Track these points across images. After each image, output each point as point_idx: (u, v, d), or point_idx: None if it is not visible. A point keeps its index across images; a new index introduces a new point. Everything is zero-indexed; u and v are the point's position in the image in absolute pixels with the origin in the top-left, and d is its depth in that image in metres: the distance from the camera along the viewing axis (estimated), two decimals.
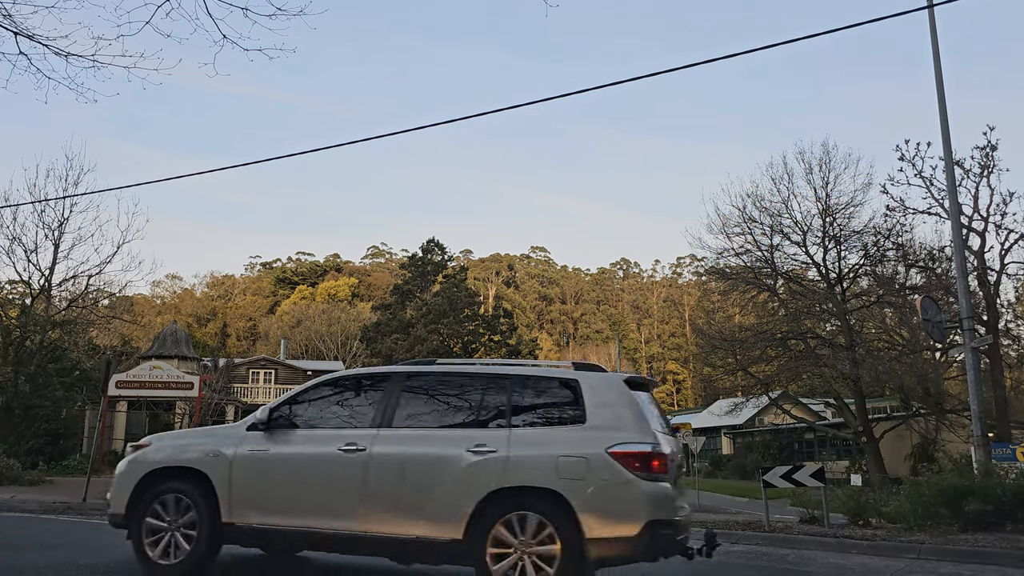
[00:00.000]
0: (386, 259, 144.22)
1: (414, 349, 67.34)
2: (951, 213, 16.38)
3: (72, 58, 9.53)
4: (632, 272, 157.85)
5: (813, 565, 10.00)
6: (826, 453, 41.58)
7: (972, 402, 14.98)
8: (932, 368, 30.17)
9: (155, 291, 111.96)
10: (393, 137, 40.73)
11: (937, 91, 15.84)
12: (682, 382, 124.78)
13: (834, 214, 29.50)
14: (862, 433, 30.03)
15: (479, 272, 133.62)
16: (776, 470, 14.38)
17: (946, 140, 15.94)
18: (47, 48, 9.45)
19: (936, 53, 15.84)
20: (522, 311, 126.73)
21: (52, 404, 29.13)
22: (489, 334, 76.65)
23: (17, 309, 31.33)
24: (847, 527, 14.01)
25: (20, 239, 29.29)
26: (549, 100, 11.01)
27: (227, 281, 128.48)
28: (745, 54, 10.03)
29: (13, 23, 9.26)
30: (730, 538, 12.98)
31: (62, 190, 29.71)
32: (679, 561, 7.05)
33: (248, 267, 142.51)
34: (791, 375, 31.60)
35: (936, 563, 10.33)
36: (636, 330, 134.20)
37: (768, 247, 30.46)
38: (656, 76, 13.13)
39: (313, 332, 79.15)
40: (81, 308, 31.67)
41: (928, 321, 16.35)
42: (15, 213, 29.47)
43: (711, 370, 41.26)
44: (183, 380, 31.85)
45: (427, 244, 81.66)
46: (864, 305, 29.64)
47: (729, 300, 34.60)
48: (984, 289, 25.85)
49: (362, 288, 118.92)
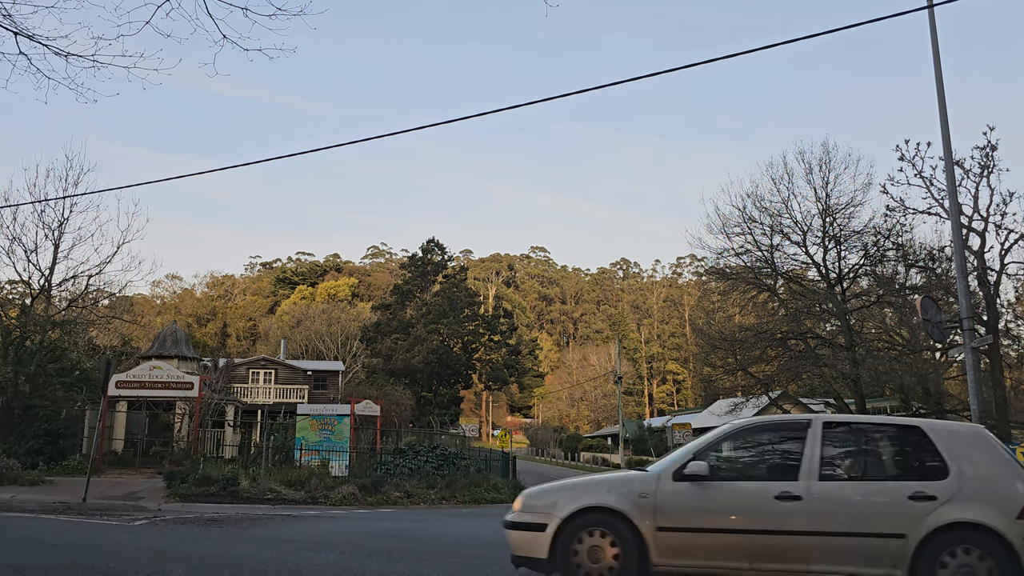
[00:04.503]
0: (386, 259, 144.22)
1: (414, 349, 67.37)
2: (951, 213, 16.37)
3: (72, 58, 9.51)
4: (632, 272, 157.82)
5: None
6: None
7: (972, 402, 14.96)
8: (932, 368, 30.16)
9: (155, 291, 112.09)
10: (393, 137, 40.70)
11: (937, 91, 15.83)
12: (682, 382, 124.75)
13: (834, 214, 29.51)
14: None
15: (479, 272, 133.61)
16: None
17: (946, 140, 15.94)
18: (47, 48, 9.43)
19: (936, 53, 15.83)
20: (522, 311, 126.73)
21: (52, 404, 29.10)
22: (489, 334, 76.69)
23: (17, 309, 31.30)
24: None
25: (20, 239, 29.24)
26: (549, 100, 11.02)
27: (227, 281, 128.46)
28: (745, 54, 10.02)
29: (13, 23, 9.25)
30: None
31: (62, 190, 29.68)
32: None
33: (248, 267, 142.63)
34: (791, 375, 31.60)
35: None
36: (636, 330, 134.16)
37: (768, 247, 30.48)
38: (656, 76, 13.13)
39: (313, 332, 79.13)
40: (81, 308, 31.64)
41: (928, 321, 16.33)
42: (15, 213, 29.41)
43: (711, 370, 41.24)
44: (183, 380, 31.83)
45: (427, 244, 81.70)
46: (864, 305, 29.64)
47: (729, 300, 34.61)
48: (984, 289, 25.86)
49: (362, 288, 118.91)
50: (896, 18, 9.37)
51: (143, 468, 28.52)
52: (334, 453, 26.77)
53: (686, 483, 7.10)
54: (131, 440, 33.16)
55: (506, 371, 78.08)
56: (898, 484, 6.80)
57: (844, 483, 6.95)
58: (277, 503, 20.35)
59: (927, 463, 6.88)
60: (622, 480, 7.55)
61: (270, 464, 24.17)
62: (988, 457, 6.85)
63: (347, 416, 29.11)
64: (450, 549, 10.34)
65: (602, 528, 6.97)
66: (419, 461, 27.05)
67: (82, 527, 12.11)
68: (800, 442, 7.08)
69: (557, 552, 6.97)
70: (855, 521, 6.61)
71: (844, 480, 6.99)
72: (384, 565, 8.58)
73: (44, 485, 21.19)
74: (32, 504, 15.92)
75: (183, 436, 31.10)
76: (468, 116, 12.22)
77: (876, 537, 6.52)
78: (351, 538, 11.45)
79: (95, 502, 16.82)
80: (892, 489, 6.77)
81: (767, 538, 6.72)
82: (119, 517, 14.12)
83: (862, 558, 6.51)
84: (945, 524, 6.41)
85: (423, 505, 22.91)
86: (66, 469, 25.63)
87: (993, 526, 6.36)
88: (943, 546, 6.39)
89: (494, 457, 34.86)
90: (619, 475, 8.00)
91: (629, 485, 7.28)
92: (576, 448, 75.51)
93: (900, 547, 6.41)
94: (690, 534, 6.92)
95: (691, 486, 7.07)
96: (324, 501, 21.30)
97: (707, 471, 7.08)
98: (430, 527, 14.53)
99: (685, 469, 7.17)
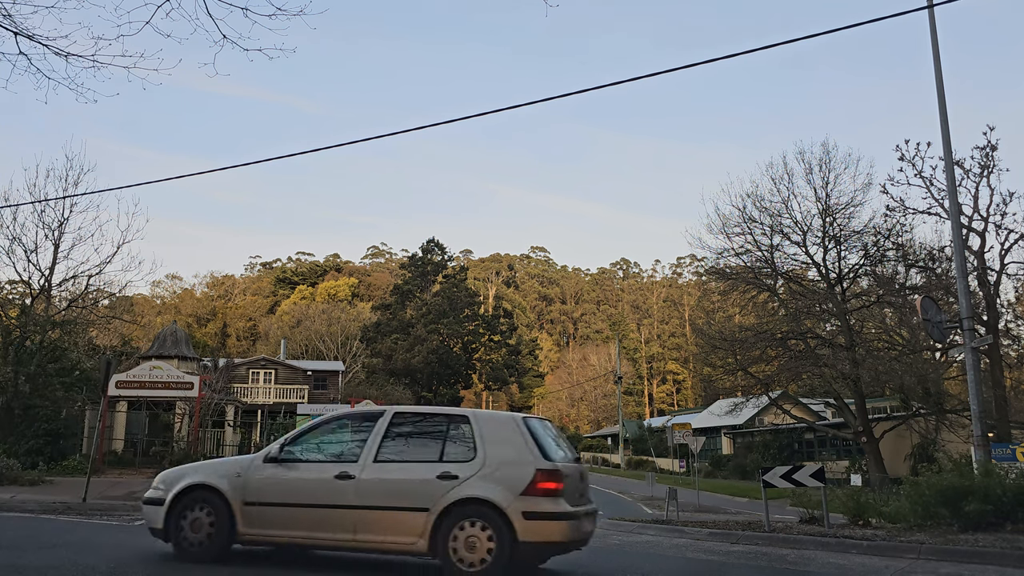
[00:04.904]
0: (386, 259, 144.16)
1: (414, 349, 67.31)
2: (951, 213, 16.37)
3: (72, 58, 9.52)
4: (632, 272, 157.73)
5: (813, 565, 10.01)
6: (826, 453, 41.56)
7: (972, 402, 14.97)
8: (932, 368, 30.14)
9: (155, 291, 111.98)
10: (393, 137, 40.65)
11: (937, 91, 15.84)
12: (682, 382, 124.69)
13: (834, 214, 29.50)
14: (862, 433, 30.02)
15: (479, 272, 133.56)
16: (776, 470, 14.36)
17: (946, 140, 15.95)
18: (47, 48, 9.44)
19: (936, 53, 15.83)
20: (522, 311, 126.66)
21: (52, 404, 29.09)
22: (489, 334, 76.62)
23: (17, 309, 31.27)
24: (847, 527, 14.01)
25: (20, 239, 29.22)
26: (549, 100, 11.02)
27: (227, 281, 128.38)
28: (745, 54, 10.03)
29: (13, 23, 9.26)
30: (730, 538, 12.98)
31: (62, 190, 29.66)
32: (682, 559, 7.07)
33: (248, 267, 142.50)
34: (791, 375, 31.58)
35: (936, 563, 10.33)
36: (636, 330, 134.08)
37: (768, 247, 30.46)
38: (656, 76, 13.13)
39: (313, 332, 79.11)
40: (81, 308, 31.63)
41: (928, 321, 16.34)
42: (15, 213, 29.40)
43: (711, 370, 41.23)
44: (183, 380, 31.82)
45: (427, 244, 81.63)
46: (864, 305, 29.63)
47: (729, 300, 34.59)
48: (984, 289, 25.85)
49: (362, 288, 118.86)
50: (896, 18, 9.38)
51: (143, 468, 28.51)
52: None
53: (272, 465, 8.23)
54: (131, 440, 33.15)
55: (506, 371, 78.02)
56: (433, 465, 7.78)
57: (392, 464, 7.92)
58: None
59: (463, 447, 7.87)
60: (229, 462, 8.66)
61: None
62: (513, 443, 7.79)
63: None
64: None
65: (202, 503, 8.17)
66: None
67: (82, 527, 12.11)
68: (370, 431, 8.21)
69: (171, 523, 8.18)
70: (393, 497, 7.66)
71: (394, 462, 7.95)
72: (384, 563, 8.61)
73: (44, 485, 21.18)
74: (32, 504, 15.92)
75: (183, 436, 31.10)
76: (468, 116, 12.23)
77: (407, 511, 7.56)
78: None
79: (95, 502, 16.81)
80: (426, 469, 7.75)
81: (324, 511, 7.82)
82: (119, 517, 14.12)
83: (395, 528, 7.57)
84: (459, 500, 7.42)
85: None
86: (66, 469, 25.62)
87: (496, 502, 7.35)
88: (457, 519, 7.41)
89: None
90: (231, 458, 9.22)
91: (231, 466, 8.43)
92: (576, 448, 75.54)
93: (424, 519, 7.45)
94: (267, 508, 8.03)
95: (275, 467, 8.21)
96: None
97: (288, 454, 8.26)
98: None
99: (271, 453, 8.34)
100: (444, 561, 7.33)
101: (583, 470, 8.56)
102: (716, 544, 12.47)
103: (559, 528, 7.42)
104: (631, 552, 10.98)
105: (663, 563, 9.84)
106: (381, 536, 7.60)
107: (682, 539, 13.34)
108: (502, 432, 7.90)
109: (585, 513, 8.05)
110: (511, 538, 7.23)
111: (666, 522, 15.79)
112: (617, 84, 10.59)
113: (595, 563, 9.41)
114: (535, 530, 7.30)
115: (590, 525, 8.29)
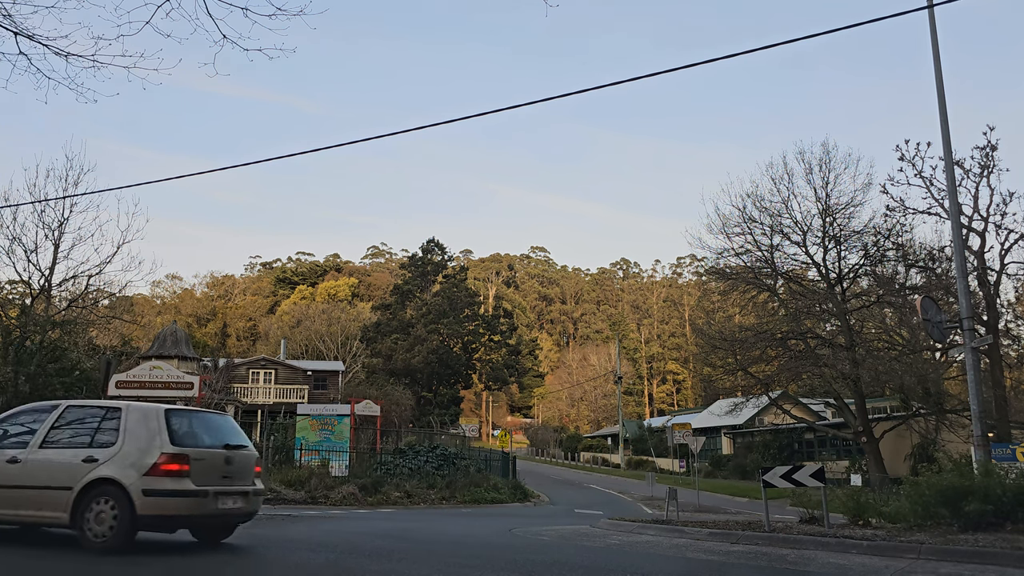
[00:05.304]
0: (386, 259, 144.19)
1: (414, 349, 67.34)
2: (951, 213, 16.37)
3: (72, 58, 9.52)
4: (632, 272, 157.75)
5: (813, 565, 10.00)
6: (826, 453, 41.56)
7: (972, 402, 14.97)
8: (932, 368, 30.15)
9: (155, 291, 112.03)
10: (393, 137, 40.68)
11: (937, 91, 15.84)
12: (682, 382, 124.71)
13: (834, 214, 29.50)
14: (862, 433, 30.03)
15: (479, 272, 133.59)
16: (776, 470, 14.35)
17: (946, 140, 15.94)
18: (47, 48, 9.44)
19: (936, 53, 15.83)
20: (522, 311, 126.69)
21: None
22: (489, 334, 76.65)
23: (17, 309, 31.25)
24: (847, 527, 14.00)
25: (20, 239, 29.16)
26: (549, 100, 11.01)
27: (227, 281, 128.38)
28: (745, 54, 10.03)
29: (13, 23, 9.26)
30: (730, 538, 12.98)
31: (62, 190, 29.62)
32: (682, 559, 7.05)
33: (248, 267, 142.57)
34: (791, 375, 31.59)
35: (936, 563, 10.32)
36: (636, 330, 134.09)
37: (768, 247, 30.47)
38: (656, 76, 13.13)
39: (313, 332, 79.08)
40: (81, 308, 31.61)
41: (928, 321, 16.33)
42: (15, 213, 29.32)
43: (711, 370, 41.24)
44: (183, 380, 31.84)
45: (427, 244, 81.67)
46: (864, 305, 29.63)
47: (729, 300, 34.60)
48: (984, 289, 25.85)
49: (362, 288, 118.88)
50: (896, 18, 9.38)
51: None
52: (334, 453, 26.75)
53: None
54: None
55: (506, 371, 78.06)
56: (82, 451, 8.83)
57: (51, 450, 9.01)
58: (277, 503, 20.33)
59: (111, 435, 8.87)
60: None
61: (270, 464, 24.17)
62: (149, 431, 8.80)
63: (347, 416, 29.10)
64: (450, 549, 10.34)
65: None
66: (419, 461, 27.04)
67: None
68: (44, 421, 9.32)
69: None
70: (46, 478, 8.76)
71: (53, 448, 9.02)
72: (384, 565, 8.58)
73: None
74: None
75: None
76: (468, 116, 12.22)
77: (56, 489, 8.65)
78: (351, 538, 11.45)
79: None
80: (75, 455, 8.82)
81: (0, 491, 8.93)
82: None
83: (48, 505, 8.68)
84: (94, 480, 8.52)
85: (423, 505, 22.90)
86: None
87: (120, 480, 8.44)
88: (92, 497, 8.51)
89: (494, 457, 34.86)
90: None
91: None
92: (576, 448, 75.52)
93: (67, 497, 8.55)
94: None
95: None
96: (324, 501, 21.28)
97: None
98: (430, 527, 14.52)
99: None
100: (79, 532, 8.48)
101: (235, 457, 9.47)
102: (716, 544, 12.47)
103: (182, 503, 8.55)
104: (631, 552, 10.98)
105: (663, 563, 9.84)
106: (38, 511, 8.74)
107: (682, 539, 13.33)
108: (143, 421, 8.91)
109: (223, 492, 9.03)
110: (131, 512, 8.30)
111: (666, 522, 15.78)
112: (617, 84, 10.60)
113: (595, 563, 9.41)
114: (154, 504, 8.39)
115: (235, 503, 9.22)
